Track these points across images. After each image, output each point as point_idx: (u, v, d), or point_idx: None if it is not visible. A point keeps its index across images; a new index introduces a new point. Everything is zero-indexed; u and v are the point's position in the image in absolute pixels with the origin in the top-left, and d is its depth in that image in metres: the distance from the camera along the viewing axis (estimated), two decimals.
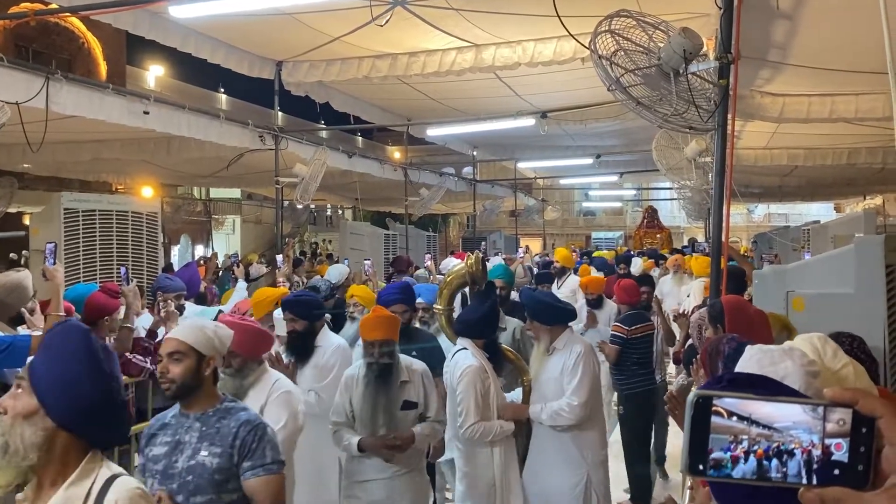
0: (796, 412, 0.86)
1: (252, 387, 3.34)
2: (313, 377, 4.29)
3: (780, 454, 0.85)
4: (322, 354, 4.36)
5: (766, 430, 0.86)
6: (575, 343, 4.31)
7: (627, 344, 5.91)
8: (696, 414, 0.87)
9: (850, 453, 0.84)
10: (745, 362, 1.73)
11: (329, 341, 4.47)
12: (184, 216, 20.01)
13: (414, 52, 8.01)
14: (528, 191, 23.19)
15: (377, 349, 3.77)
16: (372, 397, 3.74)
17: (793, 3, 4.02)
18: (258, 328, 3.49)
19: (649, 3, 5.13)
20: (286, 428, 3.20)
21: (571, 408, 4.11)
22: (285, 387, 3.37)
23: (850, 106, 6.25)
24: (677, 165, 8.61)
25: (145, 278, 7.59)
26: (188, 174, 12.95)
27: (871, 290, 3.54)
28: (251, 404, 3.14)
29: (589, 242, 37.70)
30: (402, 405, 3.78)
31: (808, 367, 1.66)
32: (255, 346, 3.39)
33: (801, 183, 13.65)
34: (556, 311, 4.38)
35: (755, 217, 38.31)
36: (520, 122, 10.07)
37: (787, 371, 1.63)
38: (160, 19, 6.78)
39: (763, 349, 1.75)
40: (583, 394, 4.12)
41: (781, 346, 1.77)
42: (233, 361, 3.29)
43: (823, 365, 1.77)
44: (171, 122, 7.07)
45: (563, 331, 4.34)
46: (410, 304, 4.81)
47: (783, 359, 1.67)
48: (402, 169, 13.00)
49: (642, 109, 3.68)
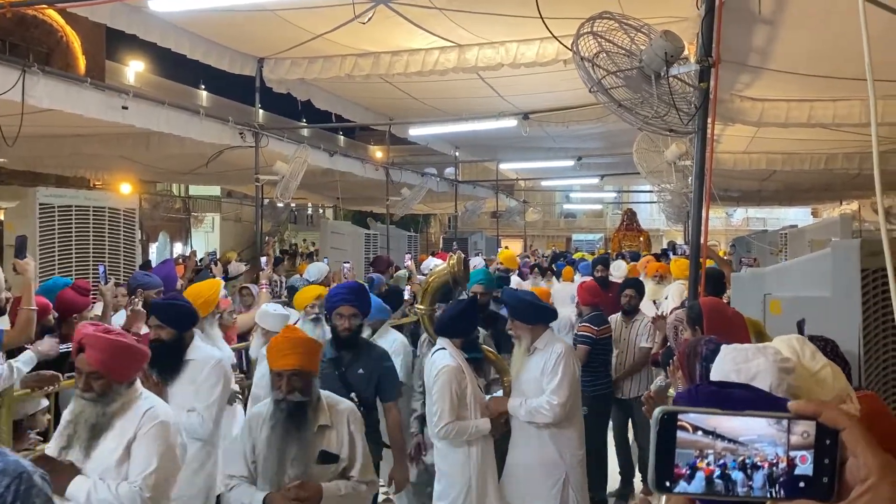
0: (761, 425, 0.87)
1: (118, 415, 2.69)
2: (187, 397, 3.65)
3: (746, 468, 0.85)
4: (197, 370, 3.70)
5: (731, 444, 0.86)
6: (555, 343, 4.32)
7: (596, 344, 5.94)
8: (662, 430, 0.87)
9: (815, 465, 0.85)
10: (720, 360, 1.75)
11: (204, 354, 3.80)
12: (162, 213, 19.84)
13: (397, 51, 7.98)
14: (510, 192, 23.25)
15: (285, 382, 3.04)
16: (279, 444, 3.02)
17: (773, 8, 4.05)
18: (127, 342, 2.75)
19: (632, 5, 5.15)
20: (158, 471, 2.61)
21: (551, 406, 4.12)
22: (160, 416, 2.71)
23: (828, 112, 6.31)
24: (657, 168, 8.67)
25: (122, 275, 7.50)
26: (167, 171, 12.82)
27: (847, 294, 3.58)
28: (116, 438, 2.63)
29: (569, 244, 37.87)
30: (318, 457, 3.06)
31: (781, 364, 1.68)
32: (122, 365, 2.71)
33: (780, 187, 13.78)
34: (538, 310, 4.39)
35: (733, 221, 38.67)
36: (502, 123, 10.08)
37: (760, 367, 1.65)
38: (140, 13, 6.70)
39: (737, 347, 1.77)
40: (562, 394, 4.13)
41: (755, 345, 1.79)
42: (94, 384, 2.65)
43: (802, 366, 1.79)
44: (150, 117, 6.98)
45: (544, 331, 4.35)
46: (361, 308, 4.22)
47: (756, 356, 1.69)
48: (383, 168, 12.97)
49: (624, 112, 3.69)
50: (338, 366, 4.07)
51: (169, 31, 7.25)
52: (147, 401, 2.77)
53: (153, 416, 2.69)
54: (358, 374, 4.05)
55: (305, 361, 3.07)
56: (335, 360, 4.07)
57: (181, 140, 8.08)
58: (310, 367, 3.10)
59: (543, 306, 4.50)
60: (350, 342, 4.13)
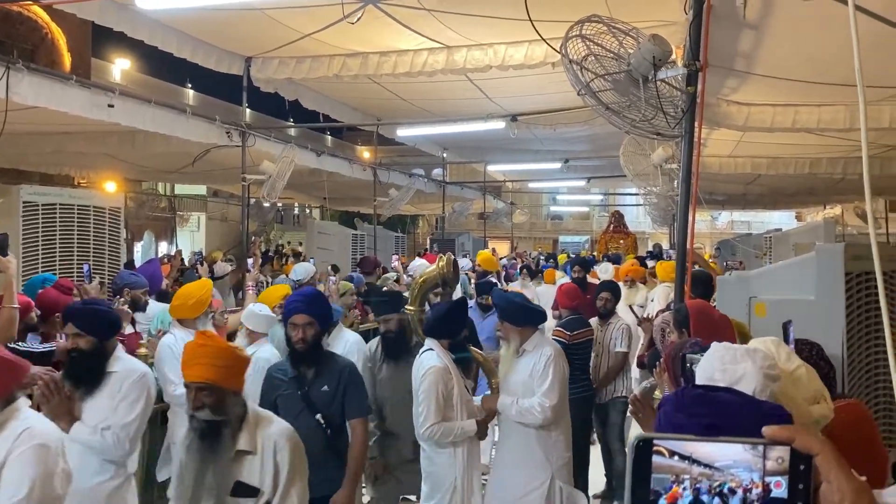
0: (737, 451, 0.88)
1: None
2: (104, 412, 3.29)
3: (722, 493, 0.86)
4: (118, 383, 3.35)
5: (707, 469, 0.87)
6: (545, 345, 4.32)
7: (569, 349, 5.65)
8: (638, 455, 0.88)
9: (790, 491, 0.86)
10: (707, 357, 1.77)
11: (127, 367, 3.44)
12: (147, 212, 19.67)
13: (385, 52, 7.97)
14: (498, 193, 23.30)
15: (193, 396, 2.66)
16: (195, 469, 2.68)
17: (760, 14, 4.08)
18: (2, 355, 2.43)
19: (620, 9, 5.17)
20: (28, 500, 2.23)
21: (543, 408, 4.13)
22: (37, 438, 2.32)
23: (813, 116, 6.37)
24: (644, 171, 8.71)
25: (106, 274, 7.44)
26: (153, 169, 12.73)
27: (831, 297, 3.62)
28: None
29: (556, 246, 37.99)
30: (233, 488, 2.65)
31: (768, 370, 1.70)
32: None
33: (764, 191, 13.89)
34: (527, 312, 4.39)
35: (718, 224, 38.91)
36: (490, 124, 10.09)
37: (746, 371, 1.67)
38: (127, 11, 6.65)
39: (727, 347, 1.79)
40: (554, 396, 4.15)
41: (745, 346, 1.81)
42: None
43: (778, 367, 1.82)
44: (136, 115, 6.94)
45: (533, 332, 4.34)
46: (318, 317, 3.78)
47: (744, 359, 1.71)
48: (371, 169, 12.95)
49: (611, 115, 3.71)
50: (300, 385, 3.70)
51: (156, 29, 7.21)
52: (25, 420, 2.37)
53: (28, 439, 2.30)
54: (322, 391, 3.67)
55: (216, 375, 2.63)
56: (296, 378, 3.70)
57: (167, 139, 8.03)
58: (222, 383, 2.65)
59: (532, 308, 4.50)
60: (308, 356, 3.70)
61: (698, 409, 1.29)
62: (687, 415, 1.29)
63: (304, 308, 3.75)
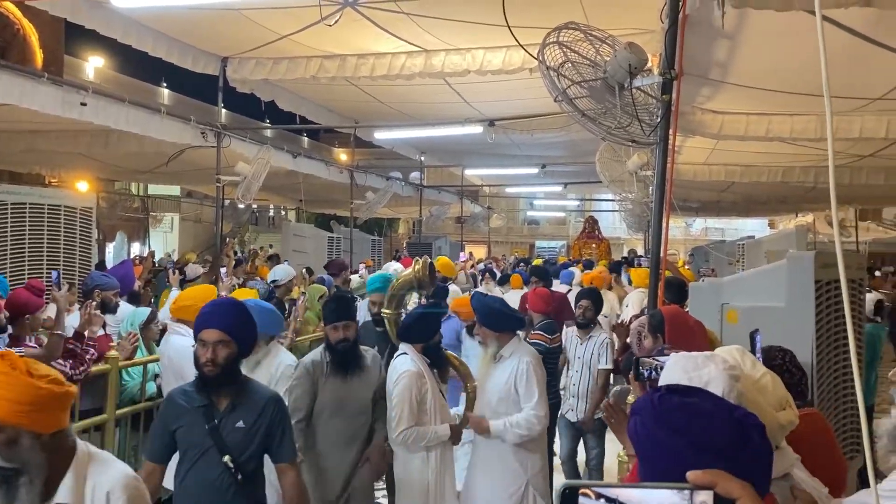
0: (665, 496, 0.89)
1: None
2: None
3: None
4: None
5: None
6: (523, 353, 4.31)
7: (548, 353, 5.57)
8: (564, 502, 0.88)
9: None
10: (669, 368, 1.79)
11: None
12: (120, 212, 19.45)
13: (363, 55, 7.96)
14: (475, 198, 23.34)
15: None
16: None
17: (735, 24, 4.13)
18: None
19: (597, 17, 5.21)
20: None
21: (539, 420, 4.14)
22: None
23: (786, 126, 6.46)
24: (619, 178, 8.79)
25: (77, 275, 7.33)
26: (126, 169, 12.57)
27: (802, 304, 3.66)
28: None
29: (532, 251, 38.13)
30: None
31: (730, 372, 1.73)
32: None
33: (738, 199, 14.06)
34: (505, 317, 4.37)
35: (693, 231, 39.28)
36: (468, 129, 10.11)
37: (711, 375, 1.69)
38: (101, 8, 6.57)
39: (686, 356, 1.81)
40: (543, 405, 4.17)
41: (704, 353, 1.84)
42: None
43: (744, 374, 1.85)
44: (109, 114, 6.84)
45: (511, 338, 4.33)
46: (236, 335, 3.02)
47: (706, 364, 1.74)
48: (348, 171, 12.90)
49: (587, 121, 3.73)
50: (208, 417, 2.95)
51: (131, 28, 7.12)
52: None
53: None
54: (236, 428, 2.95)
55: (9, 412, 2.01)
56: (205, 409, 2.96)
57: (141, 138, 7.92)
58: (19, 422, 2.01)
59: (510, 314, 4.45)
60: (219, 382, 2.97)
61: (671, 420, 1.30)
62: (659, 426, 1.30)
63: (216, 321, 3.01)
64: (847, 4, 3.11)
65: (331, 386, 3.95)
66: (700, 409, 1.33)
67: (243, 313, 3.16)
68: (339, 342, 3.96)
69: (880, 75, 5.01)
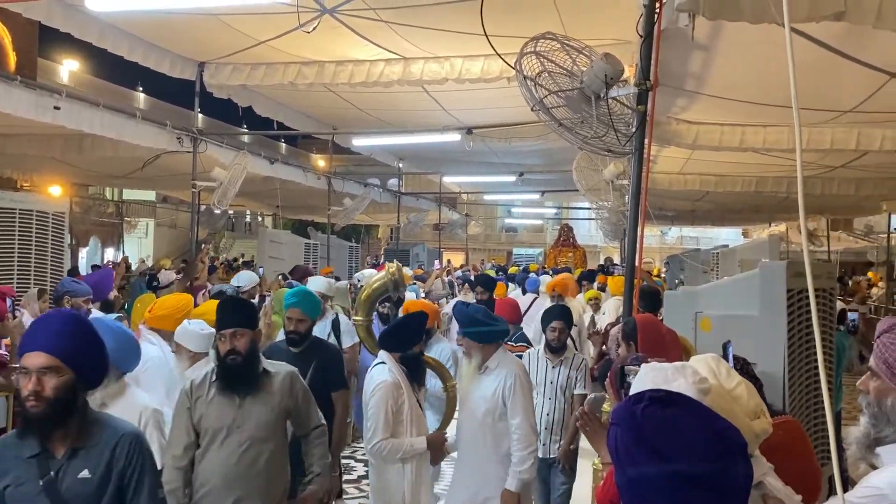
0: None
1: None
2: None
3: None
4: None
5: None
6: (510, 364, 4.15)
7: None
8: None
9: None
10: (639, 380, 1.80)
11: None
12: (94, 217, 19.21)
13: (341, 61, 7.95)
14: (453, 205, 23.38)
15: None
16: None
17: (709, 35, 4.19)
18: None
19: (574, 27, 5.26)
20: None
21: (528, 436, 4.00)
22: None
23: (759, 137, 6.56)
24: (596, 186, 8.85)
25: (49, 281, 7.22)
26: (100, 174, 12.44)
27: (774, 313, 3.71)
28: None
29: (510, 258, 38.25)
30: None
31: (699, 385, 1.74)
32: None
33: (712, 208, 14.24)
34: (488, 328, 4.17)
35: (668, 239, 39.68)
36: (446, 136, 10.14)
37: (680, 388, 1.71)
38: (76, 12, 6.50)
39: (656, 367, 1.82)
40: (531, 416, 4.08)
41: (674, 364, 1.86)
42: None
43: (719, 384, 1.87)
44: (83, 118, 6.78)
45: (496, 349, 4.18)
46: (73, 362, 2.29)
47: (676, 376, 1.75)
48: (325, 178, 12.87)
49: (564, 131, 3.76)
50: (42, 468, 2.29)
51: (107, 31, 7.05)
52: None
53: None
54: (79, 479, 2.30)
55: None
56: (38, 459, 2.30)
57: (115, 143, 7.87)
58: None
59: (493, 326, 4.23)
60: (50, 421, 2.26)
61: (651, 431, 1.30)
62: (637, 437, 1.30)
63: (41, 341, 2.28)
64: (818, 18, 3.17)
65: (216, 409, 3.31)
66: (680, 421, 1.33)
67: (83, 330, 2.40)
68: (227, 354, 3.29)
69: (851, 88, 5.12)
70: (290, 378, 3.51)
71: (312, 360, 4.34)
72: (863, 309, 13.88)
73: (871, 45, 4.07)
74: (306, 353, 4.39)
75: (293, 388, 3.50)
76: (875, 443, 1.84)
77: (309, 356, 4.37)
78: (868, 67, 4.47)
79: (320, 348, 4.58)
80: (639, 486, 1.31)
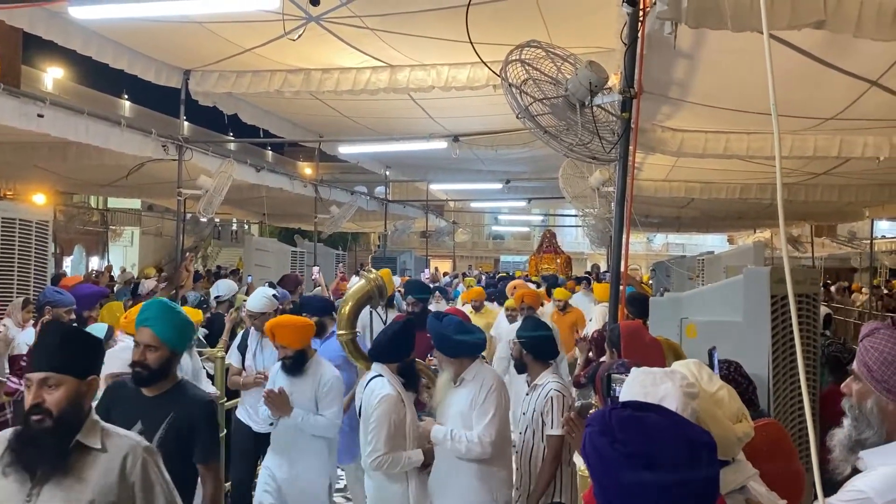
0: None
1: None
2: None
3: None
4: None
5: None
6: (486, 375, 3.98)
7: None
8: None
9: None
10: (629, 383, 1.83)
11: None
12: (78, 226, 19.07)
13: (327, 69, 7.95)
14: (440, 212, 23.39)
15: None
16: None
17: (692, 44, 4.23)
18: None
19: (559, 35, 5.29)
20: None
21: (482, 444, 3.79)
22: None
23: (743, 144, 6.61)
24: (582, 194, 8.90)
25: (32, 290, 7.16)
26: (85, 182, 12.35)
27: (758, 319, 3.73)
28: None
29: (498, 265, 38.31)
30: None
31: (687, 389, 1.77)
32: None
33: (697, 215, 14.32)
34: (461, 343, 3.97)
35: (654, 246, 39.91)
36: (432, 144, 10.15)
37: (667, 391, 1.73)
38: (60, 20, 6.47)
39: (646, 371, 1.85)
40: (493, 431, 3.82)
41: (663, 369, 1.88)
42: None
43: (701, 388, 1.89)
44: (67, 126, 6.73)
45: (472, 362, 3.98)
46: None
47: (664, 380, 1.77)
48: (312, 185, 12.84)
49: (549, 138, 3.77)
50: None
51: (91, 39, 7.02)
52: None
53: None
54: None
55: None
56: None
57: (100, 151, 7.82)
58: None
59: (465, 340, 4.00)
60: None
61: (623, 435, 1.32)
62: (610, 441, 1.31)
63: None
64: (799, 26, 3.21)
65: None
66: (651, 424, 1.35)
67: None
68: (31, 411, 2.22)
69: (833, 96, 5.17)
70: (129, 458, 2.28)
71: (169, 413, 2.97)
72: None
73: (852, 53, 4.12)
74: (163, 401, 3.01)
75: (127, 476, 2.27)
76: (857, 445, 1.86)
77: (165, 405, 2.99)
78: (849, 76, 4.53)
79: (184, 394, 3.07)
80: (608, 488, 1.32)
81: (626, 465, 1.29)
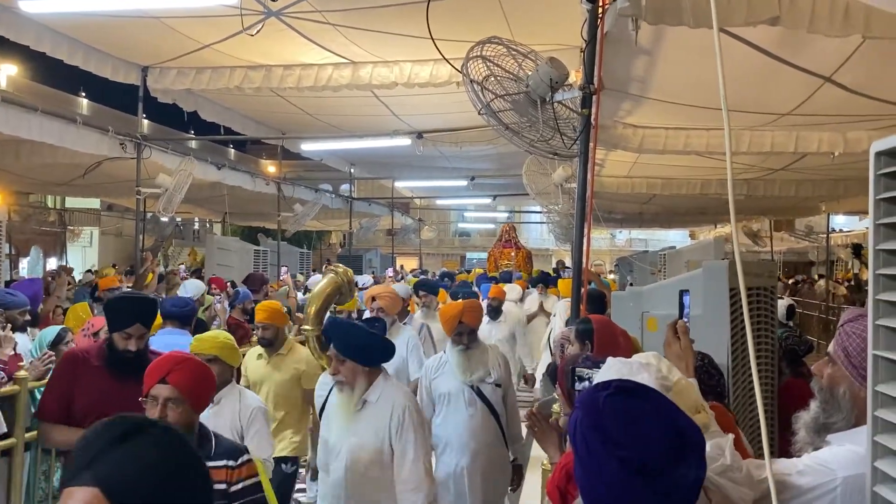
0: None
1: None
2: None
3: None
4: None
5: None
6: (396, 395, 3.31)
7: None
8: None
9: None
10: (606, 371, 1.84)
11: None
12: (35, 226, 18.62)
13: (289, 65, 7.86)
14: (406, 210, 23.35)
15: None
16: None
17: (652, 40, 4.27)
18: None
19: (521, 32, 5.31)
20: None
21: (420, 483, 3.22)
22: None
23: (702, 140, 6.69)
24: (545, 190, 8.94)
25: None
26: (40, 181, 12.06)
27: (717, 312, 3.78)
28: None
29: (464, 262, 38.37)
30: None
31: (663, 381, 1.79)
32: None
33: (659, 211, 14.50)
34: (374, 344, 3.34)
35: (618, 241, 40.34)
36: (396, 141, 10.12)
37: (644, 381, 1.74)
38: (10, 13, 6.29)
39: (623, 361, 1.87)
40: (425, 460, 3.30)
41: (639, 360, 1.90)
42: None
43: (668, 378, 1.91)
44: (20, 124, 6.56)
45: (378, 375, 3.32)
46: None
47: (640, 371, 1.79)
48: (275, 183, 12.72)
49: (511, 134, 3.78)
50: None
51: (44, 34, 6.84)
52: None
53: None
54: None
55: None
56: None
57: (55, 149, 7.64)
58: None
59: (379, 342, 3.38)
60: None
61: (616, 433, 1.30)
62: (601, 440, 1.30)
63: None
64: (755, 22, 3.26)
65: None
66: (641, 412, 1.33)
67: None
68: None
69: (788, 92, 5.26)
70: None
71: None
72: None
73: (807, 49, 4.20)
74: None
75: None
76: (823, 429, 1.86)
77: None
78: (804, 72, 4.61)
79: None
80: (591, 470, 1.31)
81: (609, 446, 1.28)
